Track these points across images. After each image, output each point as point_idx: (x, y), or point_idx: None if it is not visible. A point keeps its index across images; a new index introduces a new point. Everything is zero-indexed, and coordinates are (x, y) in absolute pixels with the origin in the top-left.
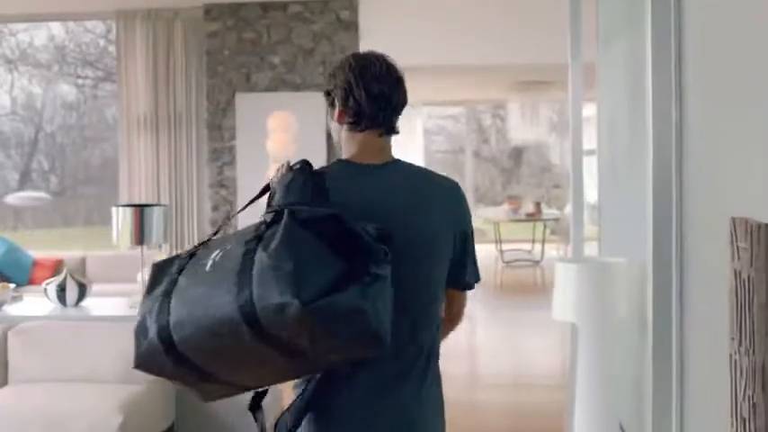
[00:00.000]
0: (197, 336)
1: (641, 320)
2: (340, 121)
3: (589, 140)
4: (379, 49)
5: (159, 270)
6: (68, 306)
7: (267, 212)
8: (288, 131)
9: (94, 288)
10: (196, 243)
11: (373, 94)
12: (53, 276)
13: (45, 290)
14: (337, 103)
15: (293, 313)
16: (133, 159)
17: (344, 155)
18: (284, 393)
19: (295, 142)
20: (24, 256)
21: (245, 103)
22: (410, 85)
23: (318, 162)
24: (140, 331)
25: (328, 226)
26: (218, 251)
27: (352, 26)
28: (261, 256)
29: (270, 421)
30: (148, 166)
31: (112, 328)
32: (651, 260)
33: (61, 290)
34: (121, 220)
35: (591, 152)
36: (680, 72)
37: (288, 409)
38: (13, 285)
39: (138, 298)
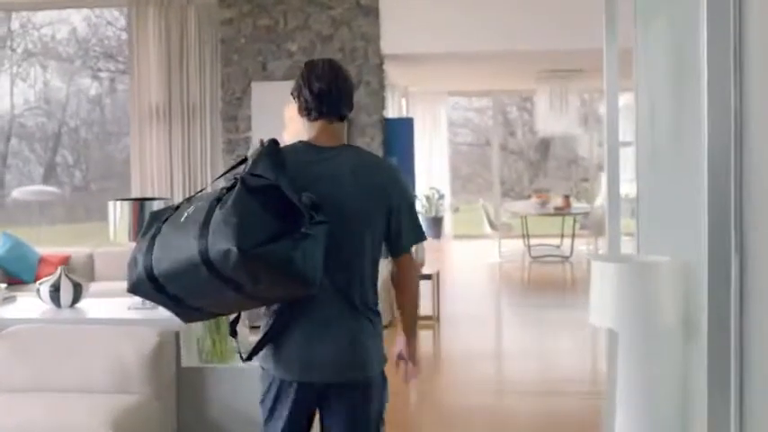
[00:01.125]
0: (170, 270)
1: (690, 326)
2: (300, 114)
3: (621, 132)
4: (401, 35)
5: (152, 218)
6: (63, 307)
7: (229, 179)
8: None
9: (101, 286)
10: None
11: (314, 91)
12: None
13: (38, 290)
14: (295, 100)
15: (234, 257)
16: (145, 152)
17: (305, 139)
18: None
19: None
20: (30, 253)
21: (261, 92)
22: (433, 74)
23: None
24: (132, 264)
25: (270, 194)
26: (192, 207)
27: (372, 11)
28: (217, 213)
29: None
30: (161, 158)
31: (108, 333)
32: (707, 259)
33: (55, 290)
34: (119, 215)
35: (624, 144)
36: (740, 50)
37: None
38: (4, 285)
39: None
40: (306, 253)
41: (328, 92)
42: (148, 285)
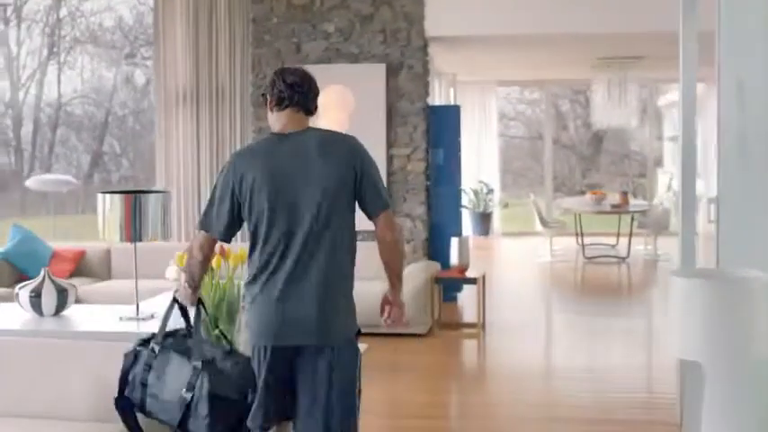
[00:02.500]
0: (156, 410)
1: None
2: (271, 108)
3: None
4: (447, 15)
5: (134, 358)
6: (45, 316)
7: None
8: (343, 108)
9: (117, 285)
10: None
11: (288, 82)
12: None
13: (17, 295)
14: (269, 97)
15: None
16: (171, 139)
17: (275, 130)
18: None
19: (351, 121)
20: (42, 247)
21: None
22: (482, 61)
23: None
24: (127, 383)
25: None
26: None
27: None
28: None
29: None
30: (187, 146)
31: (93, 349)
32: None
33: (36, 296)
34: (108, 209)
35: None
36: None
37: None
38: None
39: (155, 303)
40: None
41: (300, 83)
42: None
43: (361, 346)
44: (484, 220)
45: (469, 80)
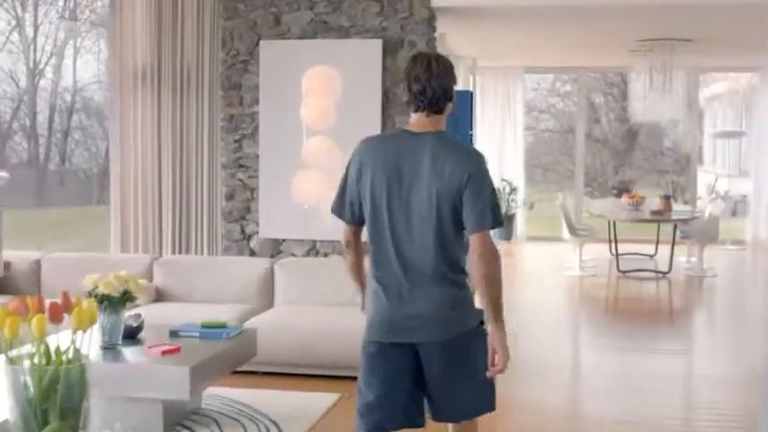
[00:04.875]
0: None
1: None
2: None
3: (720, 121)
4: None
5: None
6: None
7: None
8: (330, 93)
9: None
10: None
11: (412, 91)
12: None
13: None
14: None
15: None
16: (127, 127)
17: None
18: None
19: (339, 109)
20: None
21: (272, 53)
22: (503, 41)
23: (373, 131)
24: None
25: None
26: None
27: None
28: None
29: None
30: (147, 136)
31: None
32: None
33: None
34: None
35: (728, 134)
36: None
37: None
38: None
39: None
40: None
41: (423, 91)
42: None
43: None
44: (506, 223)
45: (492, 66)
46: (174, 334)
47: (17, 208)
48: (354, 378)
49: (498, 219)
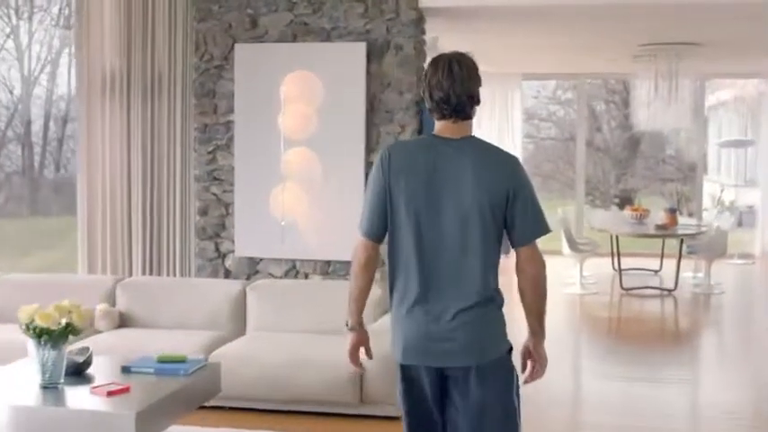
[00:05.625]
0: None
1: None
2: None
3: (726, 130)
4: None
5: None
6: None
7: None
8: (310, 101)
9: None
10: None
11: (435, 100)
12: None
13: None
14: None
15: None
16: (95, 138)
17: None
18: None
19: (320, 117)
20: None
21: (248, 58)
22: (499, 46)
23: (356, 145)
24: None
25: None
26: None
27: None
28: None
29: None
30: (115, 146)
31: None
32: None
33: None
34: None
35: (735, 144)
36: None
37: None
38: None
39: None
40: None
41: (446, 100)
42: None
43: None
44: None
45: (488, 71)
46: (125, 370)
47: (12, 217)
48: (331, 414)
49: (548, 226)
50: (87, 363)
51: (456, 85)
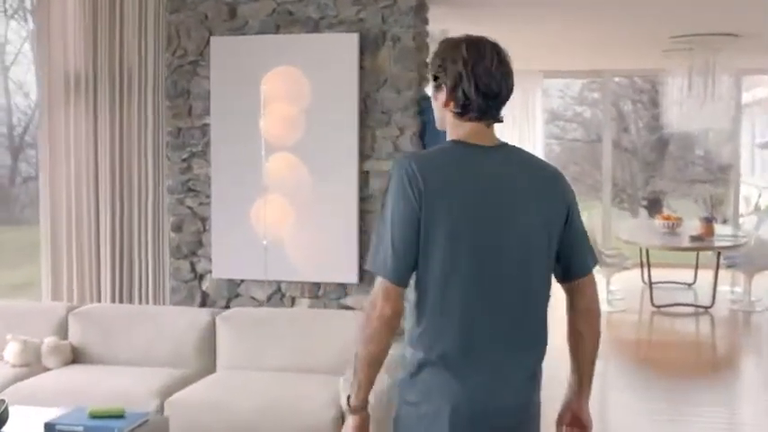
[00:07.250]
0: None
1: None
2: (446, 107)
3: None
4: None
5: None
6: None
7: None
8: (295, 100)
9: None
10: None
11: (482, 90)
12: None
13: None
14: (445, 90)
15: None
16: (57, 143)
17: (451, 136)
18: None
19: (308, 118)
20: None
21: (226, 52)
22: (516, 40)
23: (348, 150)
24: None
25: None
26: None
27: None
28: None
29: None
30: (80, 152)
31: None
32: None
33: None
34: None
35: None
36: None
37: None
38: None
39: None
40: None
41: (498, 94)
42: None
43: None
44: None
45: None
46: (49, 429)
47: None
48: None
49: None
50: (2, 419)
51: (509, 78)
